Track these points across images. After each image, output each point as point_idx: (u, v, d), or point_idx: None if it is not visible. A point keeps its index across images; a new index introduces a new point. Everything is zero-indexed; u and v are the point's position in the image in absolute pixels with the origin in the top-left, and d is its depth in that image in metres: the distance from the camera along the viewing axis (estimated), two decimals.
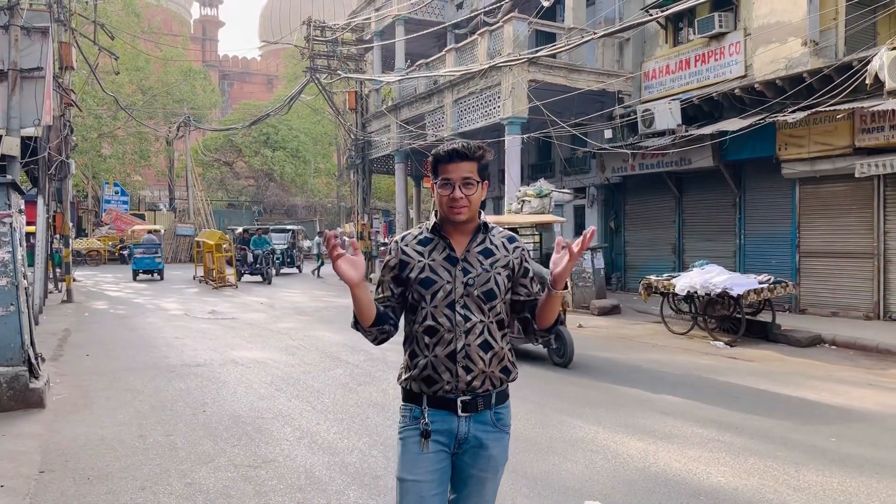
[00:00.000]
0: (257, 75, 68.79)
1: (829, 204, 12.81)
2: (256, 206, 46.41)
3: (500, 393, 2.32)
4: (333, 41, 25.35)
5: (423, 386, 2.27)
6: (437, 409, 2.25)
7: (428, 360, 2.25)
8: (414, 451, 2.24)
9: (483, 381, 2.25)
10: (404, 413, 2.32)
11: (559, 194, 16.42)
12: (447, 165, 2.24)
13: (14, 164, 10.43)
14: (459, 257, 2.28)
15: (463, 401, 2.24)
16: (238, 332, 11.56)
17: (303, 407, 6.41)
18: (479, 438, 2.26)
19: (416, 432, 2.24)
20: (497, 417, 2.30)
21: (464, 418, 2.25)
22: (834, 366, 8.60)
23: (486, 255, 2.30)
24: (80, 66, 22.01)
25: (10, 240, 6.40)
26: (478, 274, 2.26)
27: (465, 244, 2.30)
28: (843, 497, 4.20)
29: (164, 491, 4.30)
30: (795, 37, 12.82)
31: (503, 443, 2.33)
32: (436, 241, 2.31)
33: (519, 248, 2.37)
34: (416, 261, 2.29)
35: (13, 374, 6.20)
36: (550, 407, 6.38)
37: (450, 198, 2.22)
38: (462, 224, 2.29)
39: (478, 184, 2.25)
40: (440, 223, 2.32)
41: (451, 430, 2.25)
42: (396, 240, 2.41)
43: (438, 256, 2.28)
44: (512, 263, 2.33)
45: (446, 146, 2.28)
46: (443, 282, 2.25)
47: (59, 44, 15.61)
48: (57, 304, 15.39)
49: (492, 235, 2.35)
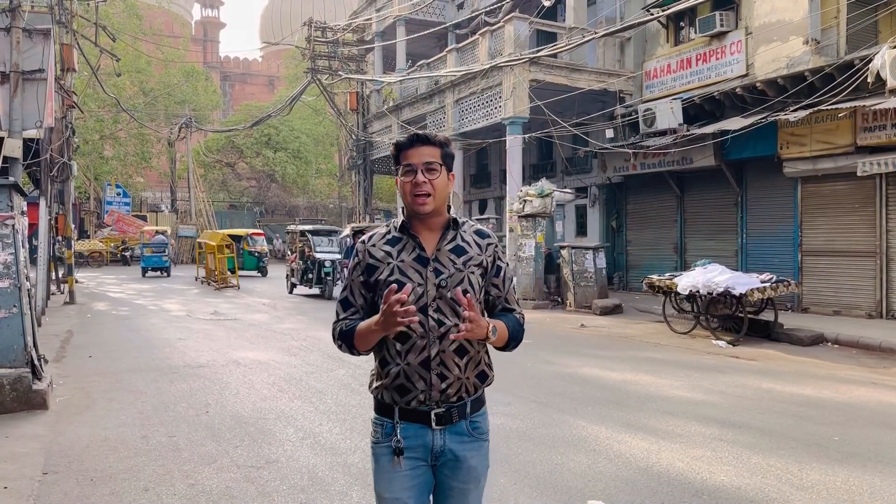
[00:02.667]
0: (258, 76, 68.85)
1: (830, 203, 12.80)
2: (258, 207, 46.46)
3: (476, 400, 2.22)
4: (334, 42, 25.39)
5: (395, 396, 2.15)
6: (410, 422, 2.15)
7: (400, 368, 2.13)
8: (388, 469, 2.15)
9: (458, 388, 2.15)
10: (376, 427, 2.21)
11: (561, 194, 16.43)
12: (408, 151, 2.15)
13: (16, 165, 10.44)
14: (430, 257, 2.15)
15: (437, 413, 2.13)
16: (240, 333, 11.57)
17: (305, 408, 6.41)
18: (455, 451, 2.17)
19: (390, 449, 2.14)
20: (473, 426, 2.21)
21: (438, 431, 2.15)
22: (836, 365, 8.59)
23: (459, 253, 2.18)
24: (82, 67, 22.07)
25: (12, 242, 6.41)
26: (450, 274, 2.14)
27: (436, 242, 2.18)
28: (846, 496, 4.19)
29: (168, 492, 4.30)
30: (797, 35, 12.81)
31: (482, 452, 2.24)
32: (405, 241, 2.18)
33: (492, 245, 2.25)
34: (384, 263, 2.16)
35: (16, 376, 6.21)
36: (552, 406, 6.38)
37: (412, 184, 2.11)
38: (430, 219, 2.18)
39: (441, 168, 2.14)
40: (408, 220, 2.20)
41: (425, 444, 2.15)
42: (363, 240, 2.27)
43: (408, 257, 2.15)
44: (485, 262, 2.21)
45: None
46: (413, 284, 2.11)
47: (61, 46, 15.64)
48: (59, 306, 15.41)
49: (462, 231, 2.23)
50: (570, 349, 9.58)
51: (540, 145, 20.57)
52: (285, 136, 42.93)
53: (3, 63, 10.46)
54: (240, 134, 40.35)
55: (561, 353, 9.30)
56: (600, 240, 18.20)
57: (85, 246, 33.28)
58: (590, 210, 19.50)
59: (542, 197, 15.39)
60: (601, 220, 19.14)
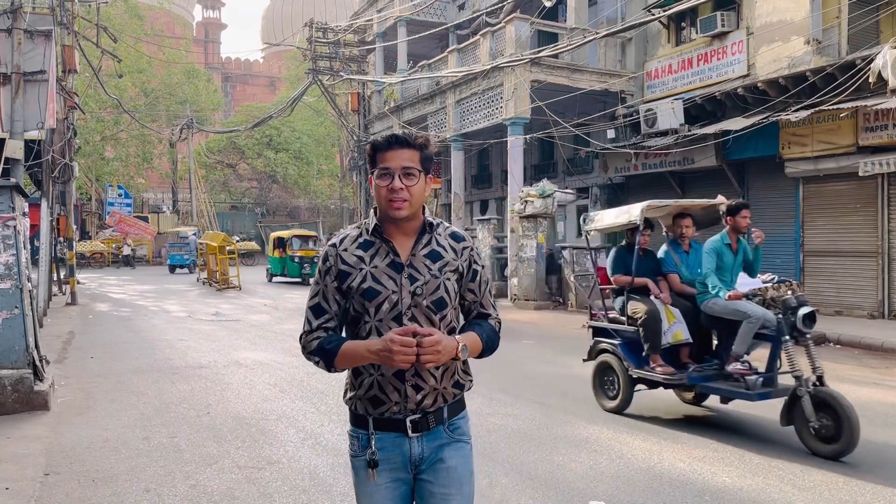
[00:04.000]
0: (260, 77, 68.93)
1: (832, 203, 12.78)
2: (259, 208, 46.50)
3: (454, 405, 2.11)
4: (336, 43, 25.41)
5: (368, 407, 2.05)
6: (386, 431, 2.05)
7: (374, 378, 2.03)
8: (367, 482, 2.06)
9: (434, 398, 2.05)
10: (352, 439, 2.12)
11: (562, 194, 16.43)
12: (385, 153, 2.01)
13: (18, 167, 10.46)
14: (405, 263, 2.04)
15: (413, 420, 2.03)
16: (242, 333, 11.57)
17: (306, 408, 6.41)
18: (434, 454, 2.06)
19: (366, 462, 2.05)
20: (452, 428, 2.10)
21: (416, 438, 2.05)
22: (838, 365, 8.57)
23: (434, 258, 2.06)
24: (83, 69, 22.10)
25: (14, 243, 6.41)
26: (426, 281, 2.03)
27: (410, 247, 2.06)
28: (848, 496, 4.18)
29: (169, 493, 4.30)
30: (798, 35, 12.80)
31: (463, 452, 2.11)
32: (377, 245, 2.06)
33: (467, 249, 2.13)
34: (356, 269, 2.04)
35: (18, 377, 6.21)
36: (554, 407, 6.37)
37: (388, 189, 1.98)
38: (404, 223, 2.05)
39: (420, 174, 2.02)
40: (380, 223, 2.07)
41: (403, 453, 2.05)
42: (334, 243, 2.12)
43: (381, 263, 2.03)
44: (461, 267, 2.10)
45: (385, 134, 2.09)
46: (388, 292, 2.01)
47: (62, 47, 15.66)
48: (61, 307, 15.42)
49: (437, 235, 2.11)
50: (572, 350, 9.54)
51: (541, 146, 20.56)
52: (287, 136, 42.98)
53: (4, 64, 10.48)
54: (241, 135, 40.41)
55: (563, 354, 9.29)
56: (602, 241, 18.18)
57: (86, 247, 33.33)
58: (591, 210, 19.50)
59: (543, 197, 15.39)
60: None
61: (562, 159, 19.73)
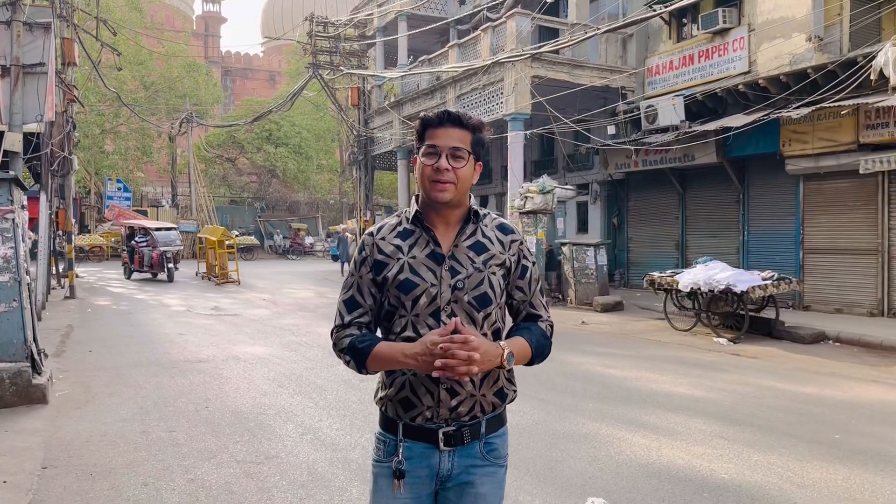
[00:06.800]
0: (259, 72, 68.74)
1: (833, 200, 12.77)
2: (259, 202, 46.44)
3: (493, 419, 1.93)
4: (336, 37, 25.32)
5: (399, 410, 1.89)
6: (415, 440, 1.89)
7: (406, 378, 1.87)
8: (387, 493, 1.90)
9: (471, 406, 1.87)
10: (379, 444, 1.96)
11: (562, 191, 16.40)
12: (436, 130, 1.88)
13: (16, 160, 10.44)
14: (446, 254, 1.89)
15: (446, 433, 1.86)
16: (240, 328, 11.56)
17: (305, 403, 6.40)
18: (464, 476, 1.90)
19: (391, 470, 1.89)
20: (488, 448, 1.92)
21: (447, 453, 1.88)
22: (838, 362, 8.57)
23: (478, 250, 1.91)
24: (83, 61, 22.05)
25: (12, 236, 6.40)
26: (468, 275, 1.88)
27: (453, 237, 1.92)
28: (847, 493, 4.18)
29: (167, 487, 4.29)
30: (800, 32, 12.76)
31: (496, 478, 1.93)
32: (417, 234, 1.92)
33: (516, 242, 1.98)
34: (393, 259, 1.90)
35: (16, 370, 6.21)
36: (553, 403, 6.37)
37: (434, 168, 1.84)
38: (447, 209, 1.91)
39: (469, 157, 1.88)
40: (422, 211, 1.93)
41: (430, 466, 1.89)
42: (371, 232, 1.99)
43: (420, 253, 1.89)
44: (508, 261, 1.94)
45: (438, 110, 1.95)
46: (426, 284, 1.86)
47: (62, 39, 15.61)
48: (60, 301, 15.41)
49: (483, 226, 1.96)
50: (571, 346, 9.56)
51: (541, 142, 20.54)
52: (286, 131, 42.89)
53: (3, 57, 10.45)
54: (241, 129, 40.30)
55: (562, 350, 9.27)
56: (601, 237, 18.18)
57: (85, 241, 33.29)
58: (591, 207, 19.48)
59: (543, 193, 15.36)
60: (602, 216, 19.12)
61: (562, 155, 19.70)
